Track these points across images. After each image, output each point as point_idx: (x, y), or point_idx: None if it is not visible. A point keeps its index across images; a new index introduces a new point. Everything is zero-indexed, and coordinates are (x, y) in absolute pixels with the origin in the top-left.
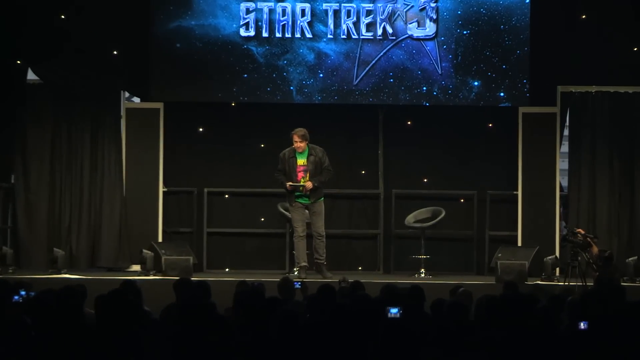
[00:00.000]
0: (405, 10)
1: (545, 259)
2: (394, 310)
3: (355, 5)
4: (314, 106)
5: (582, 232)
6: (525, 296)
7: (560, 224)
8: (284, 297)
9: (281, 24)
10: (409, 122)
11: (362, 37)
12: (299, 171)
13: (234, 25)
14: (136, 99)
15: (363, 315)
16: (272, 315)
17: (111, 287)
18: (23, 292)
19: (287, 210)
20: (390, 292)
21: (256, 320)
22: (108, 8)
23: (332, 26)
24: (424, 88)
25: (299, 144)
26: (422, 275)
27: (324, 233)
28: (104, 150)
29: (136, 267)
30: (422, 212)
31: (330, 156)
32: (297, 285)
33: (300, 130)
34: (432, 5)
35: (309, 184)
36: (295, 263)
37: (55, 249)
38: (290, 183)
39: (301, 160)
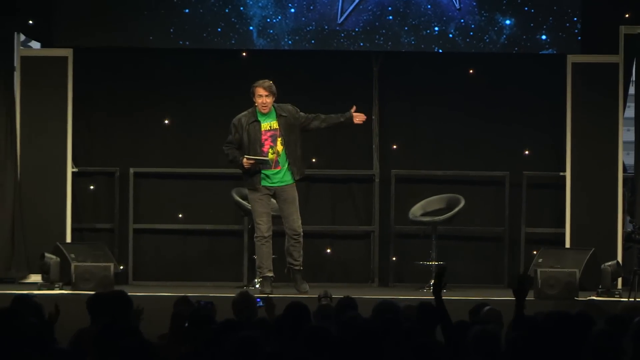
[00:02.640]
0: None
1: (603, 266)
2: None
3: None
4: (282, 54)
5: None
6: (575, 317)
7: (623, 218)
8: (241, 319)
9: None
10: (411, 77)
11: None
12: (265, 139)
13: None
14: (35, 44)
15: (352, 345)
16: (224, 344)
17: None
18: None
19: (245, 198)
20: (389, 312)
21: (202, 351)
22: None
23: None
24: (436, 29)
25: (265, 99)
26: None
27: (301, 230)
28: None
29: (35, 278)
30: (433, 202)
31: None
32: (260, 303)
33: (266, 82)
34: None
35: (361, 116)
36: (257, 273)
37: None
38: (249, 156)
39: (267, 124)
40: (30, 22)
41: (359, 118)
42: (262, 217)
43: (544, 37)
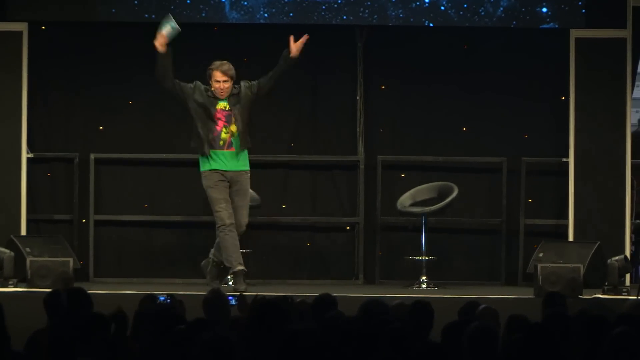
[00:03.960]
0: None
1: (609, 261)
2: None
3: None
4: (256, 28)
5: None
6: (579, 318)
7: (632, 208)
8: (213, 318)
9: None
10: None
11: None
12: (219, 118)
13: None
14: None
15: (336, 348)
16: (193, 344)
17: None
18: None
19: None
20: (377, 311)
21: (169, 353)
22: None
23: None
24: (427, 0)
25: (223, 84)
26: (424, 286)
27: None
28: None
29: None
30: (424, 191)
31: (286, 104)
32: (233, 301)
33: (224, 64)
34: None
35: (297, 44)
36: (228, 269)
37: None
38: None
39: (222, 103)
40: None
41: (295, 47)
42: (220, 203)
43: (544, 9)
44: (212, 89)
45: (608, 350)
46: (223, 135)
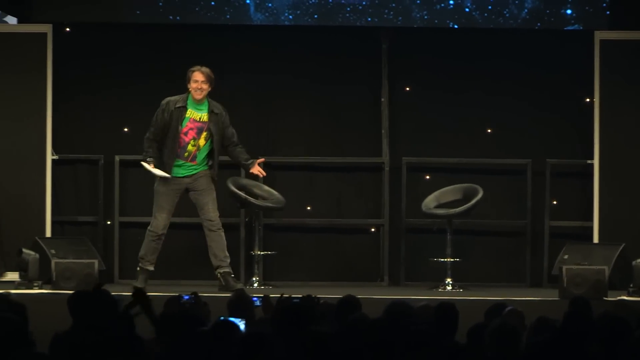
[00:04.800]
0: None
1: (634, 263)
2: None
3: None
4: (281, 30)
5: None
6: (604, 320)
7: None
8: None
9: None
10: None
11: None
12: (191, 128)
13: None
14: (11, 19)
15: (360, 350)
16: (228, 341)
17: None
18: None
19: (242, 188)
20: (402, 313)
21: (194, 354)
22: None
23: None
24: (451, 2)
25: (201, 84)
26: (449, 287)
27: (219, 221)
28: None
29: (13, 276)
30: (449, 192)
31: (310, 106)
32: (257, 303)
33: (204, 68)
34: None
35: (257, 165)
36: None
37: None
38: (153, 168)
39: (197, 114)
40: None
41: (256, 170)
42: (162, 212)
43: (569, 11)
44: (189, 90)
45: (629, 352)
46: (189, 147)
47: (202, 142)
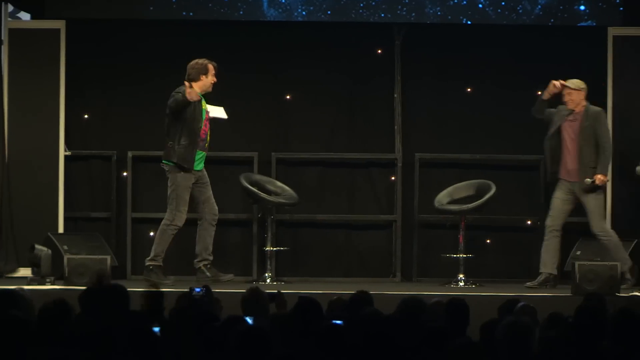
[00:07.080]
0: None
1: None
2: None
3: None
4: (294, 26)
5: None
6: (619, 315)
7: None
8: (251, 315)
9: None
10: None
11: None
12: (207, 119)
13: None
14: (25, 15)
15: (372, 345)
16: (229, 337)
17: None
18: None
19: (255, 184)
20: (415, 309)
21: (204, 350)
22: None
23: None
24: None
25: (214, 79)
26: (461, 283)
27: None
28: None
29: (25, 272)
30: (462, 188)
31: (323, 102)
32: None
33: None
34: None
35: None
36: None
37: None
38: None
39: (205, 105)
40: None
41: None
42: (185, 206)
43: (582, 7)
44: (210, 82)
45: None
46: (208, 138)
47: (209, 138)
